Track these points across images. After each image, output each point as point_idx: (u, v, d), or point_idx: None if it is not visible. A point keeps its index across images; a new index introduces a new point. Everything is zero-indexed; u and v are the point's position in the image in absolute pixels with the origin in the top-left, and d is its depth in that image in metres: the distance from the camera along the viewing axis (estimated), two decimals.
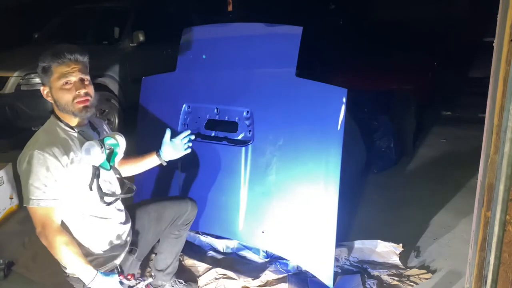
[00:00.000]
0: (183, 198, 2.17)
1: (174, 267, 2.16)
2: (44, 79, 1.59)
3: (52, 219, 1.53)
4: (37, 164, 1.48)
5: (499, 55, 1.21)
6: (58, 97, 1.58)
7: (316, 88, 2.12)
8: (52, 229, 1.53)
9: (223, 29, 2.56)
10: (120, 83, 4.78)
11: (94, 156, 1.55)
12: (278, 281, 2.25)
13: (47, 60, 1.56)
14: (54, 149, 1.52)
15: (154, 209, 2.00)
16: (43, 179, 1.49)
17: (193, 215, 2.11)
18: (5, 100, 4.22)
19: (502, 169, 1.23)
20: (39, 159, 1.49)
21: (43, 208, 1.51)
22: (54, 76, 1.56)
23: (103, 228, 1.69)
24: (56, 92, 1.57)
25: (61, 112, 1.61)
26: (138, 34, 4.94)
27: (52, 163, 1.50)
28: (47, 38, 5.33)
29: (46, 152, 1.50)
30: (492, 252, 1.32)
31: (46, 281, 2.37)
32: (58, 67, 1.56)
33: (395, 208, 3.03)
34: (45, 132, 1.59)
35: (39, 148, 1.50)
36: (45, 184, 1.50)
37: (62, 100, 1.57)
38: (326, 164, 2.06)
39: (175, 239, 2.10)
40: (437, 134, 4.54)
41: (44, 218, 1.52)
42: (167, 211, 2.00)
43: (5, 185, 3.11)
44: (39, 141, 1.54)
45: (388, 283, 2.22)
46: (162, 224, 2.00)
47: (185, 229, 2.11)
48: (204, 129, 2.44)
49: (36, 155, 1.49)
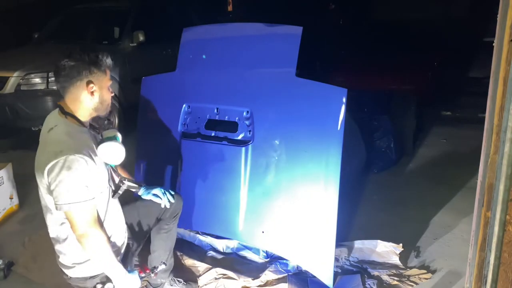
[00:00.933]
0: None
1: (170, 264, 2.18)
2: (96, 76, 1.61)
3: (95, 216, 1.58)
4: (78, 167, 1.49)
5: (499, 55, 1.21)
6: (105, 97, 1.66)
7: (316, 88, 2.12)
8: (98, 225, 1.57)
9: (223, 29, 2.57)
10: (120, 83, 4.78)
11: (118, 156, 1.63)
12: (278, 281, 2.25)
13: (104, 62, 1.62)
14: (88, 150, 1.56)
15: (142, 204, 2.02)
16: (85, 182, 1.52)
17: (179, 207, 2.12)
18: (5, 100, 4.21)
19: (502, 169, 1.23)
20: (80, 162, 1.50)
21: (87, 207, 1.54)
22: (107, 77, 1.65)
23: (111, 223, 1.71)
24: (105, 92, 1.65)
25: (93, 111, 1.64)
26: (138, 34, 4.94)
27: (91, 164, 1.54)
28: (47, 38, 5.33)
29: (84, 154, 1.52)
30: (492, 252, 1.32)
31: (46, 281, 2.37)
32: (108, 70, 1.66)
33: (395, 208, 3.03)
34: (70, 135, 1.58)
35: (76, 151, 1.50)
36: (87, 186, 1.53)
37: (108, 100, 1.67)
38: (326, 164, 2.06)
39: (165, 234, 2.12)
40: (437, 134, 4.54)
41: (89, 216, 1.55)
42: (154, 205, 2.01)
43: (5, 185, 3.11)
44: (71, 145, 1.53)
45: (388, 283, 2.22)
46: (152, 218, 2.03)
47: (174, 222, 2.13)
48: (204, 129, 2.44)
49: (76, 159, 1.49)
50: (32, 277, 2.44)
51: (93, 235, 1.55)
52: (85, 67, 1.57)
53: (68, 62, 1.56)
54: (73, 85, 1.58)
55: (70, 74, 1.57)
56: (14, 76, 4.24)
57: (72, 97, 1.61)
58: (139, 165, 2.65)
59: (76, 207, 1.51)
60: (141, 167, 2.64)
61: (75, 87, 1.59)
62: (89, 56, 1.58)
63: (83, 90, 1.59)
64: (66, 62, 1.56)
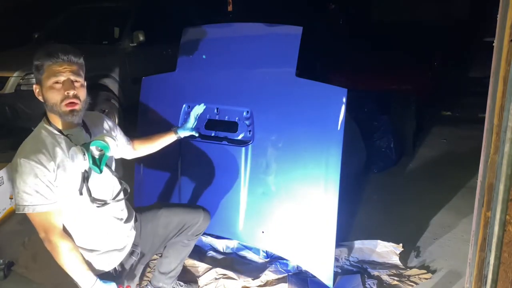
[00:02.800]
0: (197, 207, 2.11)
1: (177, 271, 2.14)
2: (36, 77, 1.57)
3: (53, 224, 1.52)
4: (24, 172, 1.47)
5: (499, 55, 1.21)
6: (47, 97, 1.55)
7: (316, 88, 2.12)
8: (54, 234, 1.52)
9: (223, 29, 2.56)
10: (120, 83, 4.78)
11: (77, 163, 1.52)
12: (278, 281, 2.25)
13: (41, 59, 1.53)
14: (40, 156, 1.50)
15: (164, 214, 1.96)
16: (33, 186, 1.48)
17: (204, 226, 2.06)
18: (5, 100, 4.21)
19: (502, 169, 1.23)
20: (26, 167, 1.47)
21: (41, 213, 1.50)
22: (45, 75, 1.53)
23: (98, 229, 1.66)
24: (46, 91, 1.55)
25: (50, 113, 1.59)
26: (138, 34, 4.94)
27: (39, 171, 1.48)
28: (47, 38, 5.33)
29: (31, 160, 1.48)
30: (492, 252, 1.32)
31: (46, 281, 2.37)
32: (50, 66, 1.53)
33: (395, 208, 3.03)
34: (33, 138, 1.57)
35: (25, 156, 1.49)
36: (37, 190, 1.48)
37: (50, 100, 1.55)
38: (326, 164, 2.06)
39: (182, 247, 2.07)
40: (437, 134, 4.54)
41: (44, 223, 1.51)
42: (177, 218, 1.97)
43: (5, 185, 3.11)
44: (26, 149, 1.53)
45: (388, 283, 2.22)
46: (170, 231, 1.96)
47: (194, 239, 2.08)
48: (204, 129, 2.44)
49: (23, 163, 1.48)
50: (32, 277, 2.44)
51: (52, 243, 1.51)
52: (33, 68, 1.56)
53: None
54: None
55: None
56: (14, 76, 4.24)
57: None
58: (139, 166, 2.65)
59: (29, 209, 1.48)
60: (141, 167, 2.64)
61: None
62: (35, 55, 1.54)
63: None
64: None
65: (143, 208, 2.00)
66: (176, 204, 2.22)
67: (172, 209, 2.02)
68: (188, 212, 2.02)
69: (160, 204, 2.07)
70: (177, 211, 2.01)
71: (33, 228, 1.55)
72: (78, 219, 1.62)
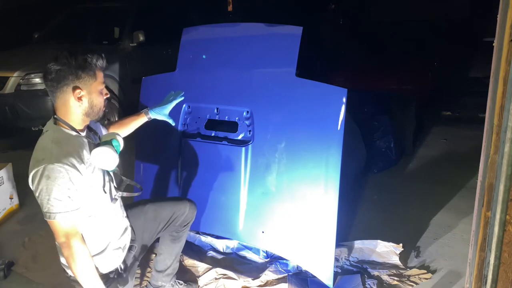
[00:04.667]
0: (182, 199, 2.15)
1: (174, 268, 2.16)
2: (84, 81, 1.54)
3: (76, 229, 1.52)
4: (59, 177, 1.45)
5: (499, 55, 1.21)
6: (95, 102, 1.58)
7: (316, 88, 2.12)
8: (78, 239, 1.51)
9: (223, 29, 2.56)
10: (120, 83, 4.78)
11: (111, 162, 1.55)
12: (278, 281, 2.25)
13: (94, 63, 1.55)
14: (71, 160, 1.48)
15: (151, 208, 1.99)
16: (67, 192, 1.47)
17: (192, 216, 2.09)
18: (5, 100, 4.21)
19: (502, 169, 1.23)
20: (60, 172, 1.45)
21: (70, 218, 1.49)
22: (98, 81, 1.58)
23: (108, 227, 1.69)
24: (96, 97, 1.58)
25: (84, 116, 1.58)
26: (138, 34, 4.94)
27: (73, 174, 1.48)
28: (47, 38, 5.33)
29: (65, 164, 1.46)
30: (492, 252, 1.32)
31: (46, 281, 2.37)
32: (99, 73, 1.59)
33: (395, 208, 3.03)
34: (56, 142, 1.52)
35: (57, 161, 1.46)
36: (69, 196, 1.47)
37: (98, 104, 1.60)
38: (326, 164, 2.06)
39: (173, 240, 2.10)
40: (437, 134, 4.55)
41: (69, 228, 1.50)
42: (164, 211, 2.00)
43: (5, 185, 3.11)
44: (52, 154, 1.48)
45: (388, 283, 2.22)
46: (159, 224, 1.99)
47: (184, 230, 2.10)
48: (204, 129, 2.44)
49: (57, 168, 1.44)
50: (32, 277, 2.44)
51: (72, 248, 1.50)
52: (72, 71, 1.51)
53: (54, 66, 1.50)
54: (60, 90, 1.52)
55: (56, 79, 1.51)
56: (14, 76, 4.24)
57: (60, 102, 1.55)
58: (139, 165, 2.65)
59: (56, 217, 1.47)
60: (141, 167, 2.64)
61: (62, 92, 1.53)
62: (76, 60, 1.51)
63: (70, 95, 1.53)
64: (52, 66, 1.50)
65: (130, 204, 2.01)
66: (161, 198, 2.26)
67: (158, 203, 2.05)
68: (174, 204, 2.05)
69: (145, 200, 2.10)
70: (163, 204, 2.04)
71: (33, 228, 1.55)
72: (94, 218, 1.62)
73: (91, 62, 1.54)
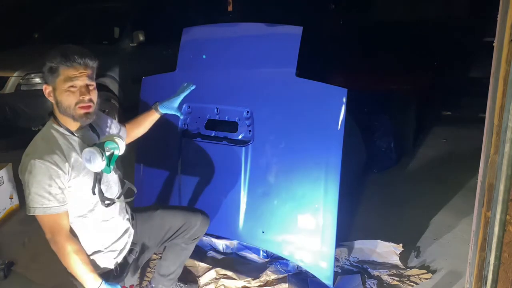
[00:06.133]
0: (196, 210, 2.08)
1: (177, 273, 2.13)
2: (49, 78, 1.54)
3: (61, 225, 1.52)
4: (39, 173, 1.46)
5: (499, 55, 1.21)
6: (61, 99, 1.53)
7: (316, 88, 2.11)
8: (62, 235, 1.52)
9: (223, 29, 2.56)
10: (120, 83, 4.79)
11: (95, 164, 1.52)
12: (278, 281, 2.25)
13: (56, 61, 1.50)
14: (54, 157, 1.49)
15: (160, 215, 1.95)
16: (47, 188, 1.47)
17: (202, 231, 2.05)
18: (5, 100, 4.22)
19: (502, 169, 1.23)
20: (41, 168, 1.46)
21: (51, 215, 1.50)
22: (61, 78, 1.51)
23: (103, 229, 1.68)
24: (60, 94, 1.53)
25: (61, 114, 1.57)
26: (138, 34, 4.94)
27: (54, 172, 1.48)
28: (47, 38, 5.33)
29: (46, 160, 1.47)
30: (492, 252, 1.32)
31: (46, 281, 2.37)
32: (66, 69, 1.50)
33: (395, 208, 3.03)
34: (44, 139, 1.55)
35: (39, 157, 1.47)
36: (50, 192, 1.48)
37: (64, 102, 1.53)
38: (326, 164, 2.06)
39: (180, 250, 2.06)
40: (437, 134, 4.55)
41: (53, 224, 1.51)
42: (174, 220, 1.95)
43: (5, 185, 3.11)
44: (39, 150, 1.50)
45: (388, 283, 2.22)
46: (166, 232, 1.95)
47: (192, 243, 2.07)
48: (204, 129, 2.44)
49: (37, 164, 1.46)
50: (32, 277, 2.44)
51: (58, 244, 1.51)
52: (44, 68, 1.52)
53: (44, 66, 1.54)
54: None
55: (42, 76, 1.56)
56: (14, 76, 4.24)
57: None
58: (139, 165, 2.65)
59: (36, 211, 1.48)
60: (141, 167, 2.64)
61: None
62: (49, 56, 1.51)
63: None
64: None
65: (141, 208, 2.00)
66: (175, 207, 2.20)
67: (169, 211, 2.00)
68: (186, 215, 2.00)
69: (158, 206, 2.07)
70: (174, 213, 1.99)
71: (33, 228, 1.55)
72: (85, 219, 1.62)
73: (54, 58, 1.50)
